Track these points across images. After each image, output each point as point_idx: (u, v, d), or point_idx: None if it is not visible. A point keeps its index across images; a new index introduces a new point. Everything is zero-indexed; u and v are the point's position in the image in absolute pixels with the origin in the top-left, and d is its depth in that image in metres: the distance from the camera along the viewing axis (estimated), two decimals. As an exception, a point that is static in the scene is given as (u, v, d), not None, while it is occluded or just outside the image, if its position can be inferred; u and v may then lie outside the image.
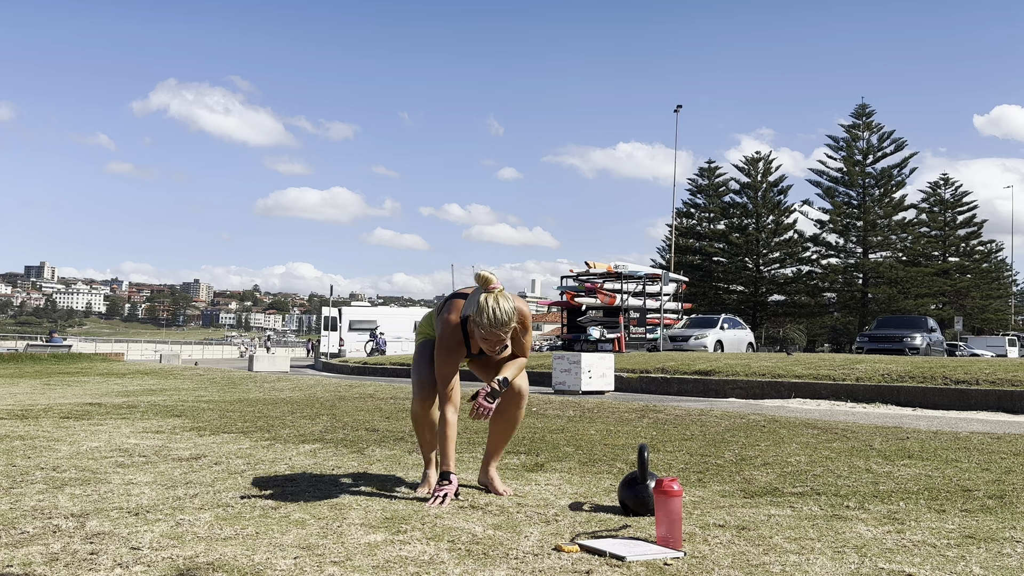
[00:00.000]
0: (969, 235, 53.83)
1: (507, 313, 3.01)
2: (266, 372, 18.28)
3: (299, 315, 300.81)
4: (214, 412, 6.76)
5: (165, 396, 8.91)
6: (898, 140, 48.72)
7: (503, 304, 3.01)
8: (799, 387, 10.15)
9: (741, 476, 3.70)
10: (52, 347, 26.69)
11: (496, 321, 3.00)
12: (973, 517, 2.87)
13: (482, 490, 3.31)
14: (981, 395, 8.72)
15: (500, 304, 3.01)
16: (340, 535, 2.50)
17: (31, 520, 2.68)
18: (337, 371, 21.69)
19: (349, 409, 7.03)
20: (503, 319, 3.00)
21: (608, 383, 11.26)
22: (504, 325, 3.02)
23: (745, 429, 5.48)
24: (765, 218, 51.16)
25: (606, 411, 6.82)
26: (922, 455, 4.32)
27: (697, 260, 50.66)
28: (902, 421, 6.65)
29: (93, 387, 10.98)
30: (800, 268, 50.74)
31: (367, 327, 35.77)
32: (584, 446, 4.68)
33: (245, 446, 4.63)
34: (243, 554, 2.26)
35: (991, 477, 3.67)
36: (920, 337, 21.44)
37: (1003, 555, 2.37)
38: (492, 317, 2.99)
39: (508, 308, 3.02)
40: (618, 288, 22.87)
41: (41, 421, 5.93)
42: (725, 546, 2.44)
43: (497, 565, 2.20)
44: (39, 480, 3.45)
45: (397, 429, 5.47)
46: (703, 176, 53.41)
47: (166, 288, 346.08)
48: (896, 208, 48.77)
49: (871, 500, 3.16)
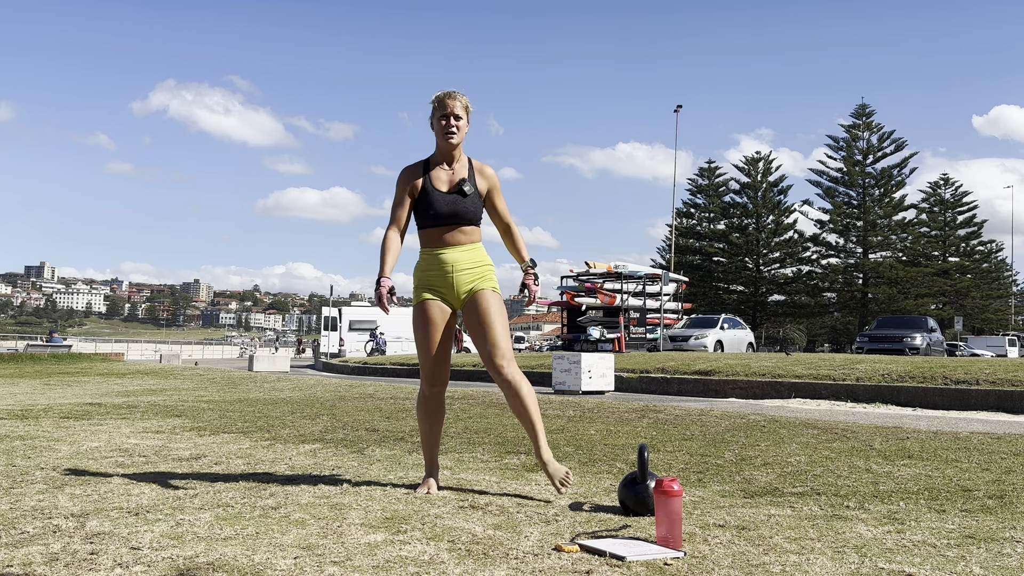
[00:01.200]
0: (969, 235, 53.84)
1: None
2: (266, 372, 18.28)
3: (299, 315, 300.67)
4: (214, 412, 6.76)
5: (165, 396, 8.91)
6: (898, 140, 48.78)
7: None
8: (799, 387, 10.15)
9: (741, 476, 3.70)
10: (52, 347, 26.69)
11: (447, 92, 3.29)
12: (973, 517, 2.87)
13: (482, 491, 3.30)
14: (981, 395, 8.72)
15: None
16: (340, 535, 2.50)
17: (31, 520, 2.68)
18: (337, 371, 21.69)
19: (349, 409, 7.03)
20: (454, 91, 3.30)
21: (608, 383, 11.26)
22: (452, 94, 3.28)
23: (745, 429, 5.48)
24: (765, 218, 51.17)
25: (606, 411, 6.82)
26: (922, 455, 4.32)
27: (697, 260, 50.67)
28: (902, 421, 6.65)
29: (93, 387, 10.98)
30: (800, 268, 50.78)
31: (367, 327, 35.75)
32: (584, 446, 4.68)
33: (245, 446, 4.63)
34: (243, 554, 2.26)
35: (991, 477, 3.67)
36: (920, 337, 21.44)
37: (1003, 555, 2.37)
38: (441, 92, 3.30)
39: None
40: (618, 288, 22.87)
41: (41, 421, 5.93)
42: (725, 546, 2.44)
43: (497, 565, 2.20)
44: (39, 480, 3.45)
45: (397, 429, 5.47)
46: (703, 176, 53.42)
47: (166, 288, 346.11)
48: (896, 208, 48.78)
49: (871, 500, 3.16)
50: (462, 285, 3.30)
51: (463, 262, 3.29)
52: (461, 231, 3.30)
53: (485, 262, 3.36)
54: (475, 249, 3.34)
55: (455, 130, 3.29)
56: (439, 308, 3.30)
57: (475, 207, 3.31)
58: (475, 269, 3.31)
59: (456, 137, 3.29)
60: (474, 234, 3.34)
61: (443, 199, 3.28)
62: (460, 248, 3.30)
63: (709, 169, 53.25)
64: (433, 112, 3.32)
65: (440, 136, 3.30)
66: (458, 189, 3.28)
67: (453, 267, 3.28)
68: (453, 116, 3.28)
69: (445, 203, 3.27)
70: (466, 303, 3.32)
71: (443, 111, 3.28)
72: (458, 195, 3.28)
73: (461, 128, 3.30)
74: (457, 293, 3.30)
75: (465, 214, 3.29)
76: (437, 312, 3.30)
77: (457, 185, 3.29)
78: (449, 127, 3.28)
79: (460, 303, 3.33)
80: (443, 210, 3.27)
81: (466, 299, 3.31)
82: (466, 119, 3.33)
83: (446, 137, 3.29)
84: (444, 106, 3.28)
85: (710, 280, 50.83)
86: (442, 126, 3.28)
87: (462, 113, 3.30)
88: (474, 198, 3.31)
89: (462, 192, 3.28)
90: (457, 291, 3.30)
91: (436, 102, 3.31)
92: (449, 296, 3.31)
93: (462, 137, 3.32)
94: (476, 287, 3.31)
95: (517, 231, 3.49)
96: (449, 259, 3.29)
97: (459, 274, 3.29)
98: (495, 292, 3.34)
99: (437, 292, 3.31)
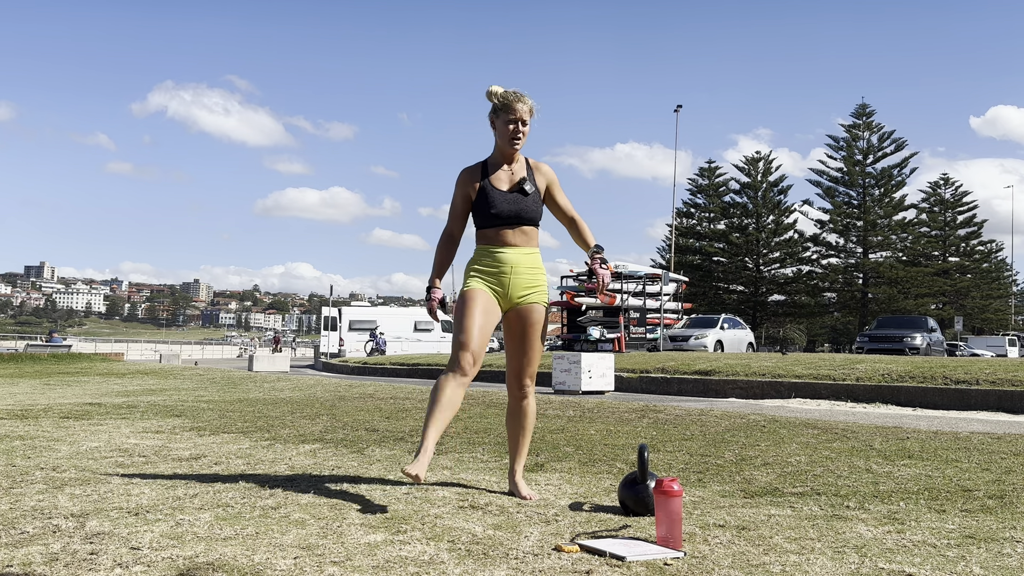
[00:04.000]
0: (969, 235, 53.84)
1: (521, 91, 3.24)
2: (266, 372, 18.27)
3: (299, 315, 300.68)
4: (214, 412, 6.76)
5: (165, 396, 8.91)
6: (898, 140, 48.78)
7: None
8: (799, 387, 10.14)
9: (741, 476, 3.70)
10: (52, 347, 26.69)
11: (515, 93, 3.20)
12: (973, 517, 2.87)
13: (482, 491, 3.30)
14: (981, 395, 8.72)
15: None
16: (340, 535, 2.50)
17: (31, 520, 2.68)
18: (337, 371, 21.68)
19: (349, 409, 7.03)
20: (520, 92, 3.21)
21: (608, 383, 11.26)
22: (522, 97, 3.20)
23: (745, 429, 5.48)
24: (765, 218, 51.17)
25: (606, 411, 6.82)
26: (922, 455, 4.32)
27: (697, 260, 50.66)
28: (902, 421, 6.64)
29: (93, 387, 10.98)
30: (800, 268, 50.78)
31: (367, 327, 35.74)
32: (584, 446, 4.67)
33: (245, 446, 4.63)
34: (243, 554, 2.26)
35: (991, 477, 3.67)
36: (920, 337, 21.43)
37: (1003, 555, 2.37)
38: (512, 89, 3.21)
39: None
40: (618, 288, 22.86)
41: (41, 421, 5.93)
42: (725, 546, 2.44)
43: (497, 565, 2.20)
44: (39, 480, 3.45)
45: (397, 429, 5.47)
46: (703, 176, 53.42)
47: (166, 288, 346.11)
48: (896, 208, 48.78)
49: (871, 500, 3.16)
50: (517, 289, 3.24)
51: (522, 264, 3.24)
52: (522, 231, 3.25)
53: (542, 270, 3.31)
54: (534, 254, 3.29)
55: (521, 136, 3.22)
56: (490, 299, 3.21)
57: (536, 205, 3.26)
58: (532, 276, 3.26)
59: (520, 143, 3.24)
60: (533, 237, 3.29)
61: (504, 198, 3.22)
62: (520, 250, 3.24)
63: (709, 169, 53.25)
64: (497, 112, 3.22)
65: (505, 141, 3.22)
66: (519, 188, 3.23)
67: (512, 268, 3.22)
68: (521, 122, 3.20)
69: (506, 202, 3.22)
70: (515, 308, 3.26)
71: (512, 115, 3.19)
72: (519, 194, 3.23)
73: (526, 134, 3.24)
74: (510, 296, 3.24)
75: (526, 213, 3.23)
76: (488, 300, 3.20)
77: (518, 184, 3.23)
78: (516, 133, 3.21)
79: (509, 306, 3.26)
80: (504, 209, 3.21)
81: (517, 304, 3.25)
82: (529, 123, 3.25)
83: (512, 143, 3.21)
84: (513, 110, 3.19)
85: (710, 280, 50.82)
86: (509, 131, 3.20)
87: (528, 118, 3.23)
88: (535, 196, 3.26)
89: (523, 191, 3.22)
90: (511, 294, 3.23)
91: (502, 102, 3.21)
92: (500, 295, 3.24)
93: (525, 142, 3.26)
94: (530, 297, 3.25)
95: (583, 222, 3.40)
96: (508, 259, 3.23)
97: (516, 276, 3.23)
98: (546, 307, 3.30)
99: (490, 286, 3.24)
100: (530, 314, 3.25)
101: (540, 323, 3.27)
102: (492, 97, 3.23)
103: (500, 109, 3.21)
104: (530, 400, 3.31)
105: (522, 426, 3.32)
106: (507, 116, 3.20)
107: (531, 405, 3.32)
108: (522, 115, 3.20)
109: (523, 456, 3.34)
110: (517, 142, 3.22)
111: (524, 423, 3.32)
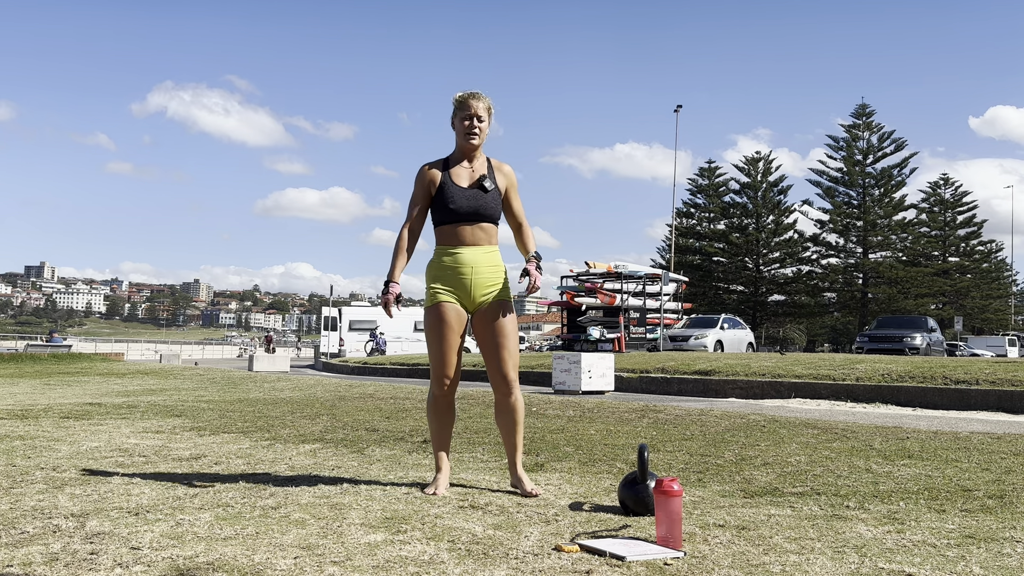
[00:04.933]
0: (969, 235, 53.82)
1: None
2: (266, 372, 18.27)
3: (299, 315, 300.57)
4: (214, 412, 6.76)
5: (165, 396, 8.91)
6: (898, 140, 48.75)
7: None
8: (799, 387, 10.14)
9: (741, 476, 3.70)
10: (52, 347, 26.70)
11: (471, 92, 3.28)
12: (973, 517, 2.87)
13: (482, 491, 3.30)
14: (981, 395, 8.72)
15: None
16: (340, 535, 2.50)
17: (31, 520, 2.68)
18: (337, 371, 21.68)
19: (349, 409, 7.03)
20: (477, 92, 3.28)
21: (608, 383, 11.26)
22: (477, 95, 3.27)
23: (745, 429, 5.48)
24: (765, 218, 51.16)
25: (606, 411, 6.82)
26: (922, 455, 4.32)
27: (697, 260, 50.65)
28: (902, 421, 6.64)
29: (93, 387, 10.98)
30: (800, 268, 50.74)
31: (367, 327, 35.74)
32: (584, 446, 4.67)
33: (245, 446, 4.63)
34: (243, 554, 2.26)
35: (991, 477, 3.67)
36: (920, 337, 21.43)
37: (1003, 555, 2.37)
38: (464, 92, 3.29)
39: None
40: (618, 288, 22.87)
41: (41, 421, 5.93)
42: (725, 546, 2.44)
43: (497, 565, 2.20)
44: (39, 480, 3.45)
45: (397, 429, 5.47)
46: (703, 176, 53.39)
47: (166, 288, 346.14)
48: (896, 208, 48.76)
49: (871, 500, 3.16)
50: (479, 289, 3.27)
51: (482, 264, 3.26)
52: (481, 228, 3.28)
53: (501, 267, 3.34)
54: (493, 252, 3.32)
55: (477, 131, 3.28)
56: (455, 311, 3.27)
57: (495, 203, 3.29)
58: (493, 273, 3.28)
59: (478, 139, 3.28)
60: (493, 235, 3.32)
61: (463, 194, 3.25)
62: (479, 249, 3.27)
63: (709, 169, 53.23)
64: (455, 111, 3.30)
65: (462, 137, 3.29)
66: (479, 184, 3.26)
67: (472, 268, 3.25)
68: (476, 117, 3.27)
69: (465, 198, 3.25)
70: (481, 310, 3.29)
71: (466, 112, 3.27)
72: (479, 190, 3.26)
73: (483, 130, 3.29)
74: (473, 297, 3.27)
75: (485, 210, 3.26)
76: (453, 315, 3.26)
77: (478, 181, 3.27)
78: (472, 128, 3.27)
79: (474, 307, 3.29)
80: (463, 205, 3.24)
81: (481, 305, 3.28)
82: (488, 120, 3.31)
83: (468, 138, 3.27)
84: (467, 107, 3.27)
85: (710, 280, 50.80)
86: (465, 127, 3.27)
87: (485, 115, 3.29)
88: (494, 194, 3.29)
89: (483, 187, 3.26)
90: (473, 295, 3.27)
91: (458, 102, 3.29)
92: (464, 299, 3.28)
93: (483, 138, 3.31)
94: (494, 296, 3.28)
95: (529, 229, 3.45)
96: (468, 259, 3.25)
97: (477, 276, 3.25)
98: (511, 303, 3.33)
99: (452, 294, 3.27)
100: (496, 311, 3.28)
101: (509, 318, 3.29)
102: (453, 100, 3.33)
103: (457, 108, 3.30)
104: (516, 395, 3.33)
105: (514, 420, 3.34)
106: (462, 113, 3.29)
107: (519, 400, 3.34)
108: (477, 111, 3.27)
109: (519, 449, 3.36)
110: (473, 137, 3.27)
111: (515, 417, 3.34)
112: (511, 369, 3.30)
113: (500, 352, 3.27)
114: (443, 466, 3.33)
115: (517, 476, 3.31)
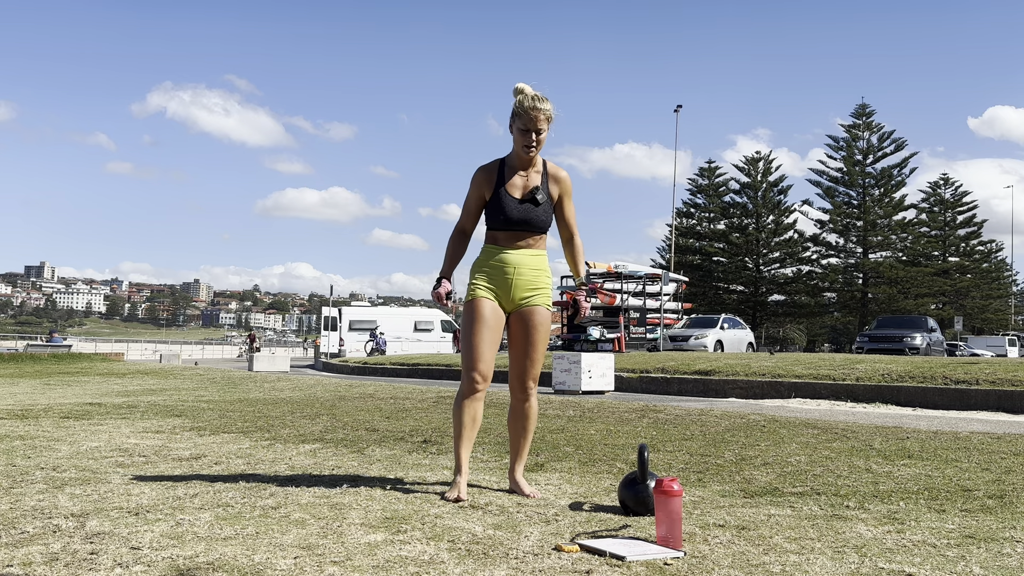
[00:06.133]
0: (969, 235, 53.81)
1: (544, 96, 3.18)
2: (266, 372, 18.28)
3: (299, 315, 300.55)
4: (214, 412, 6.76)
5: (165, 396, 8.91)
6: (898, 140, 48.73)
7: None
8: (799, 387, 10.14)
9: (741, 476, 3.70)
10: (52, 347, 26.70)
11: (534, 98, 3.14)
12: (973, 517, 2.87)
13: (482, 490, 3.30)
14: (981, 395, 8.72)
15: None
16: (340, 535, 2.50)
17: (31, 520, 2.68)
18: (337, 371, 21.68)
19: (349, 409, 7.03)
20: (542, 96, 3.16)
21: (608, 383, 11.26)
22: (542, 101, 3.14)
23: (745, 429, 5.48)
24: (765, 218, 51.15)
25: (606, 411, 6.82)
26: (922, 455, 4.32)
27: (697, 260, 50.64)
28: (902, 421, 6.64)
29: (93, 387, 10.98)
30: (800, 268, 50.73)
31: (367, 327, 35.74)
32: (584, 446, 4.67)
33: (245, 446, 4.63)
34: (243, 554, 2.26)
35: (991, 477, 3.67)
36: (920, 337, 21.42)
37: (1003, 555, 2.37)
38: (532, 94, 3.15)
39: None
40: (618, 288, 22.87)
41: (41, 421, 5.93)
42: (725, 546, 2.44)
43: (497, 565, 2.20)
44: (39, 480, 3.45)
45: (397, 429, 5.47)
46: (703, 176, 53.38)
47: (166, 288, 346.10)
48: (896, 208, 48.75)
49: (871, 500, 3.16)
50: (520, 290, 3.25)
51: (525, 265, 3.25)
52: (530, 237, 3.27)
53: (546, 272, 3.32)
54: (540, 256, 3.30)
55: (536, 145, 3.19)
56: (494, 309, 3.24)
57: (546, 216, 3.27)
58: (536, 277, 3.27)
59: (535, 151, 3.21)
60: (541, 242, 3.31)
61: (516, 206, 3.23)
62: (527, 251, 3.26)
63: (709, 169, 53.22)
64: (514, 115, 3.18)
65: (520, 148, 3.20)
66: (531, 197, 3.22)
67: (516, 269, 3.24)
68: (536, 131, 3.16)
69: (517, 211, 3.22)
70: (518, 311, 3.28)
71: (526, 124, 3.15)
72: (531, 203, 3.23)
73: (542, 141, 3.21)
74: (513, 297, 3.26)
75: (535, 223, 3.24)
76: (490, 311, 3.23)
77: (531, 193, 3.22)
78: (530, 142, 3.18)
79: (513, 307, 3.28)
80: (514, 217, 3.22)
81: (520, 306, 3.27)
82: (547, 129, 3.20)
83: (526, 151, 3.19)
84: (528, 118, 3.14)
85: (710, 280, 50.79)
86: (522, 139, 3.18)
87: (544, 125, 3.17)
88: (546, 207, 3.26)
89: (535, 201, 3.22)
90: (514, 295, 3.25)
91: (520, 108, 3.15)
92: (503, 298, 3.26)
93: (541, 148, 3.23)
94: (533, 300, 3.27)
95: (579, 243, 3.40)
96: (513, 260, 3.24)
97: (520, 277, 3.24)
98: (549, 310, 3.31)
99: (492, 291, 3.25)
100: (532, 316, 3.26)
101: (543, 326, 3.28)
102: (515, 96, 3.20)
103: (516, 114, 3.17)
104: (532, 402, 3.33)
105: (524, 427, 3.35)
106: (520, 124, 3.17)
107: (533, 407, 3.34)
108: (537, 124, 3.15)
109: (524, 456, 3.36)
110: (531, 150, 3.20)
111: (526, 424, 3.35)
112: (533, 378, 3.31)
113: (526, 359, 3.28)
114: (464, 468, 3.20)
115: (515, 481, 3.30)
